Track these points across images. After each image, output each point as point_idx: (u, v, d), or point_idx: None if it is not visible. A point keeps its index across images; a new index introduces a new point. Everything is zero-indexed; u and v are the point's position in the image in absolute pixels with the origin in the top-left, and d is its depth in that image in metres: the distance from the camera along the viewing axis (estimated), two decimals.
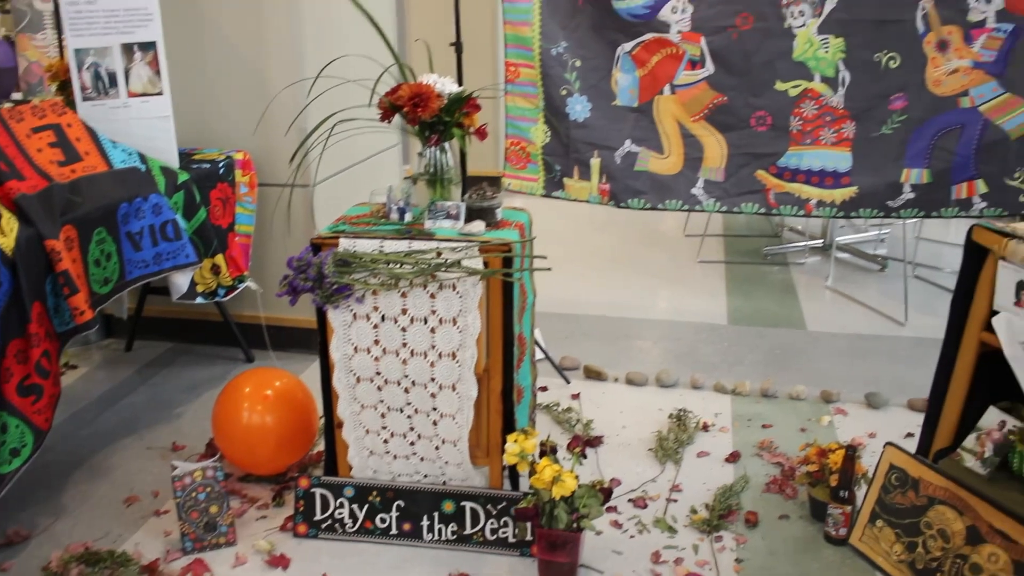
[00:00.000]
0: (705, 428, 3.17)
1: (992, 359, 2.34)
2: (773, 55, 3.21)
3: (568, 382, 3.54)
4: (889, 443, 2.50)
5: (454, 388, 2.38)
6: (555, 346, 3.82)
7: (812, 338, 4.02)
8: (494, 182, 3.50)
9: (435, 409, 2.43)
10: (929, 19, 3.08)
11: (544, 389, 3.46)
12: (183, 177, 3.15)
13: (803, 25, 3.16)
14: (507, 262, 2.30)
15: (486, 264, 2.29)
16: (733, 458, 2.97)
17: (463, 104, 2.36)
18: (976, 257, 2.34)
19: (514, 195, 3.62)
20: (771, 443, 3.06)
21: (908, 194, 3.25)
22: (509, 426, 2.51)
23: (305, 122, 3.31)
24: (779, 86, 3.24)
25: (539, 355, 3.61)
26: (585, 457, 2.39)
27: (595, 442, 3.06)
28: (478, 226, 2.36)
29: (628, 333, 4.06)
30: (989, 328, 2.31)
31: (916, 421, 2.66)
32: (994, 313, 2.30)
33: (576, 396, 3.42)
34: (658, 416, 3.26)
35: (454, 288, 2.29)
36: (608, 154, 3.40)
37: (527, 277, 2.59)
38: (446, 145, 2.42)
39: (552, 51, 3.32)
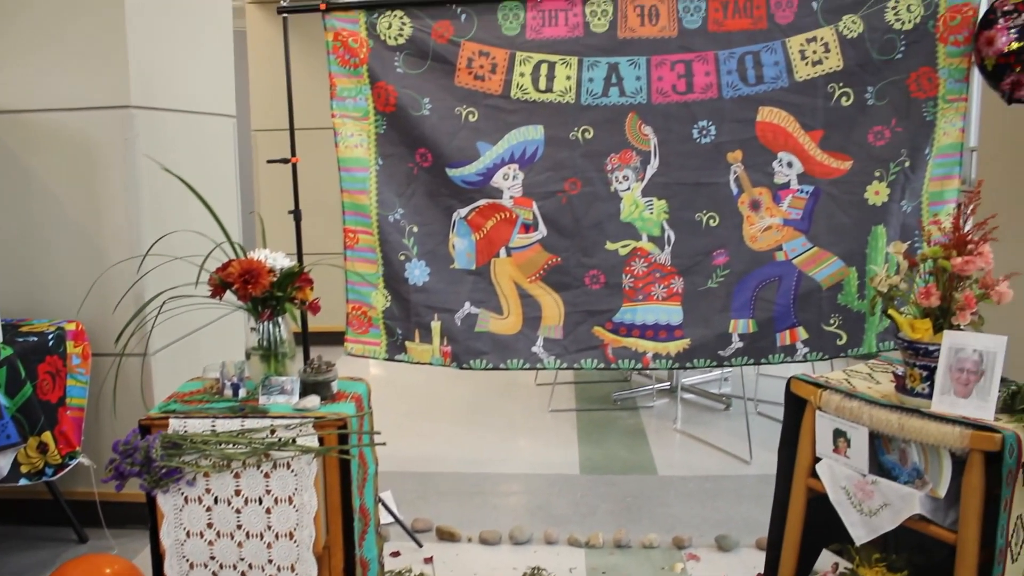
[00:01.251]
0: None
1: (821, 503, 2.44)
2: (602, 217, 3.38)
3: (420, 545, 3.46)
4: None
5: (293, 569, 2.30)
6: (408, 507, 3.75)
7: (663, 482, 4.08)
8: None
9: None
10: (741, 182, 3.32)
11: (396, 555, 3.37)
12: (6, 352, 3.01)
13: (628, 189, 3.35)
14: (343, 437, 2.27)
15: (321, 440, 2.26)
16: None
17: (295, 279, 2.37)
18: (796, 407, 2.47)
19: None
20: None
21: (737, 343, 3.41)
22: None
23: (143, 289, 3.25)
24: (609, 246, 3.40)
25: (390, 519, 3.54)
26: None
27: None
28: (313, 401, 2.34)
29: (482, 489, 4.03)
30: (815, 474, 2.42)
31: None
32: (818, 460, 2.42)
33: (429, 560, 3.34)
34: (512, 575, 3.22)
35: (289, 466, 2.24)
36: (448, 317, 3.46)
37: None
38: (279, 319, 2.41)
39: (389, 218, 3.40)
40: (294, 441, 2.22)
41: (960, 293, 2.16)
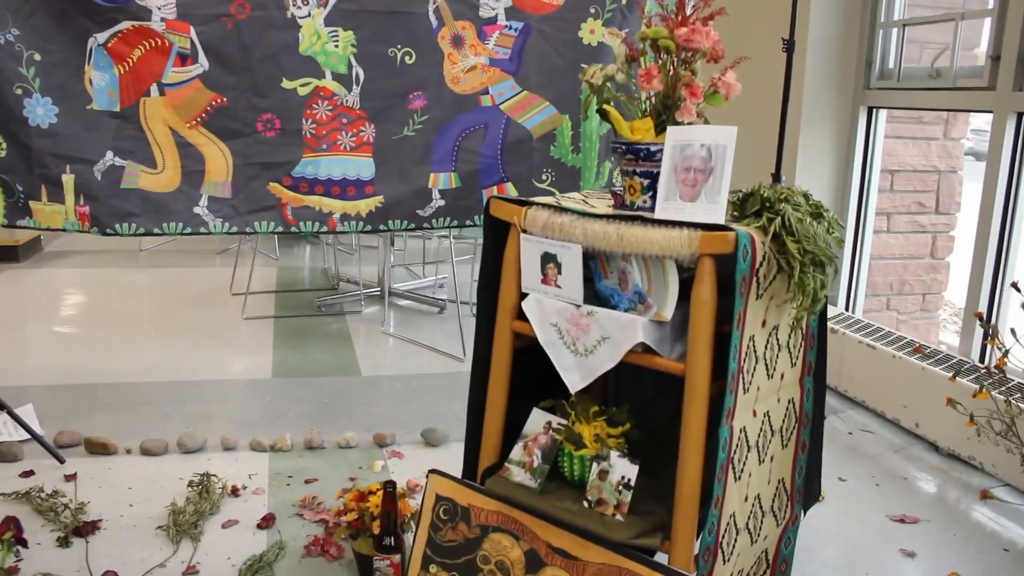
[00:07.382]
0: (235, 493, 2.65)
1: (529, 354, 2.07)
2: (277, 49, 2.83)
3: (62, 461, 2.83)
4: (432, 470, 2.14)
5: None
6: (57, 421, 3.11)
7: (367, 383, 3.70)
8: None
9: None
10: (441, 13, 2.89)
11: (29, 474, 2.72)
12: None
13: (308, 16, 2.82)
14: None
15: None
16: (266, 523, 2.48)
17: None
18: (498, 235, 2.07)
19: None
20: (314, 499, 2.62)
21: (438, 201, 3.01)
22: None
23: None
24: (286, 84, 2.87)
25: (26, 435, 2.88)
26: (25, 546, 1.73)
27: (87, 529, 2.42)
28: None
29: (152, 399, 3.42)
30: (521, 316, 2.04)
31: None
32: (524, 297, 2.03)
33: (72, 477, 2.72)
34: (178, 486, 2.68)
35: None
36: (85, 169, 2.78)
37: None
38: None
39: (0, 40, 2.65)
40: None
41: (685, 73, 1.82)
